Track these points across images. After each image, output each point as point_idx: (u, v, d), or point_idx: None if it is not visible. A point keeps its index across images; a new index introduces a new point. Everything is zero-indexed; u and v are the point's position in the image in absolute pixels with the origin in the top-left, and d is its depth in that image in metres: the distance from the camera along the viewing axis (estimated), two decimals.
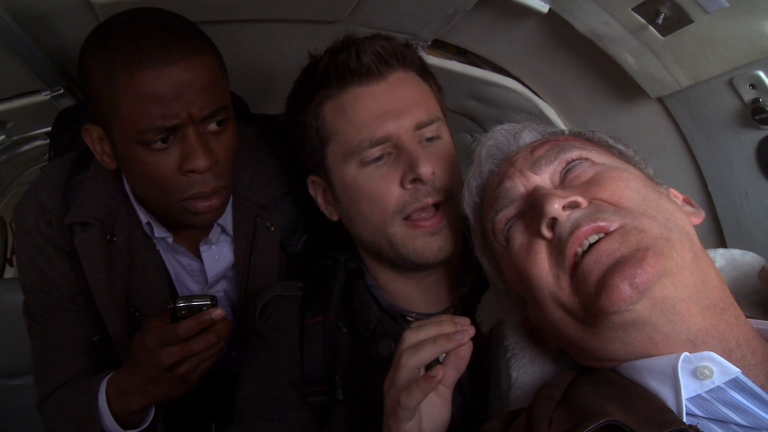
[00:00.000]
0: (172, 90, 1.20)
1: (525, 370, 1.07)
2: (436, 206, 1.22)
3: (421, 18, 1.51)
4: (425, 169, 1.16)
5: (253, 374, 1.32)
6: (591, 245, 0.87)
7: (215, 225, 1.50)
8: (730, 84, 1.28)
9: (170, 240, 1.51)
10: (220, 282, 1.64)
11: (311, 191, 1.37)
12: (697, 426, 0.75)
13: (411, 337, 0.96)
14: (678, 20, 1.24)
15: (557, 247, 0.89)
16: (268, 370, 1.30)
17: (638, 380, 0.88)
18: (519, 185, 0.99)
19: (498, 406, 1.11)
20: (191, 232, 1.52)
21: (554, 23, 1.50)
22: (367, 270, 1.36)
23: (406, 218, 1.21)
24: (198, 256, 1.57)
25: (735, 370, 0.81)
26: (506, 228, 0.99)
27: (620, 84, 1.56)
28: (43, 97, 1.81)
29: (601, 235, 0.87)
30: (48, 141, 2.23)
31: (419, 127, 1.22)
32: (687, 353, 0.83)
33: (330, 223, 1.40)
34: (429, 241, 1.22)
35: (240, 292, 1.59)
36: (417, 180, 1.18)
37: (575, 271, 0.87)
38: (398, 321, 1.31)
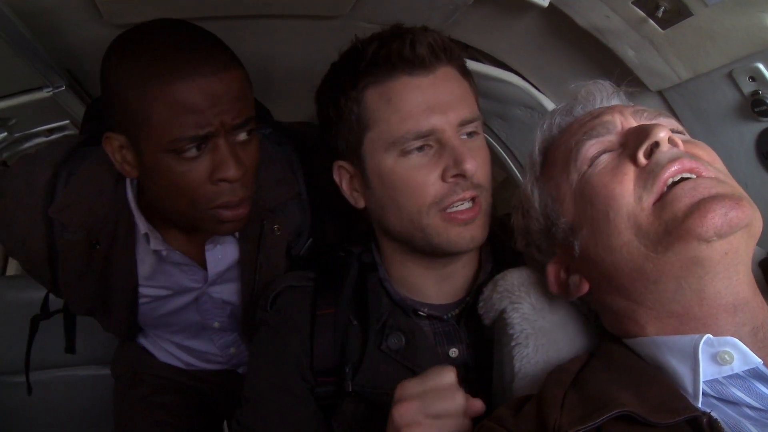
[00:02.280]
0: (206, 100, 1.21)
1: (528, 360, 1.08)
2: (472, 199, 1.24)
3: (422, 13, 1.52)
4: (470, 166, 1.18)
5: (263, 364, 1.34)
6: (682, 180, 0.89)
7: None
8: (730, 76, 1.29)
9: (165, 253, 1.53)
10: (219, 285, 1.66)
11: (335, 176, 1.37)
12: (711, 413, 0.77)
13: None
14: (678, 13, 1.25)
15: (650, 172, 0.90)
16: (278, 361, 1.31)
17: (657, 357, 0.89)
18: (618, 122, 1.01)
19: (501, 397, 1.11)
20: (198, 236, 1.53)
21: (554, 17, 1.50)
22: (380, 263, 1.37)
23: (443, 210, 1.22)
24: (196, 258, 1.58)
25: (756, 361, 0.82)
26: (594, 154, 0.99)
27: (620, 77, 1.56)
28: (45, 93, 1.80)
29: (694, 176, 0.89)
30: (50, 138, 2.24)
31: (463, 123, 1.23)
32: (710, 336, 0.84)
33: (335, 227, 1.42)
34: (462, 230, 1.23)
35: (246, 293, 1.61)
36: (459, 175, 1.19)
37: (663, 195, 0.88)
38: (409, 315, 1.32)
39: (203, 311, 1.72)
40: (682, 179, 0.89)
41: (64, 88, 1.81)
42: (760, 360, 0.82)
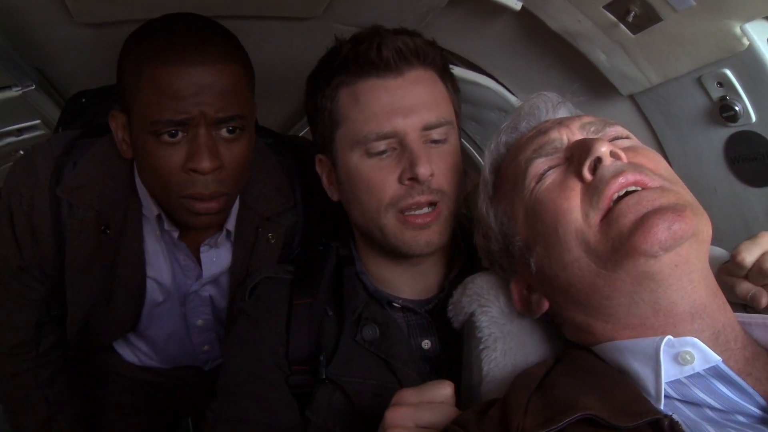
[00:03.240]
0: (188, 88, 1.24)
1: (497, 363, 1.07)
2: (431, 204, 1.24)
3: (394, 15, 1.52)
4: (423, 170, 1.18)
5: (239, 353, 1.34)
6: (627, 194, 0.88)
7: (224, 230, 1.53)
8: (699, 82, 1.30)
9: (176, 235, 1.53)
10: (207, 286, 1.66)
11: (318, 169, 1.39)
12: (672, 416, 0.77)
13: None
14: (648, 18, 1.26)
15: (595, 188, 0.90)
16: (254, 349, 1.32)
17: (619, 361, 0.89)
18: (565, 138, 1.01)
19: (469, 400, 1.11)
20: (197, 232, 1.53)
21: (527, 20, 1.51)
22: (357, 257, 1.38)
23: (401, 212, 1.23)
24: (195, 255, 1.59)
25: (716, 358, 0.83)
26: (542, 171, 0.99)
27: (593, 81, 1.58)
28: (15, 92, 1.79)
29: (639, 188, 0.88)
30: (21, 137, 2.21)
31: (427, 128, 1.23)
32: (670, 337, 0.84)
33: (324, 237, 1.43)
34: (417, 234, 1.24)
35: (232, 298, 1.61)
36: (413, 179, 1.20)
37: (609, 212, 0.88)
38: (384, 307, 1.33)
39: (189, 309, 1.71)
40: (627, 193, 0.89)
41: (34, 87, 1.80)
42: (719, 358, 0.83)
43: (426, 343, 1.32)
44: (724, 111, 1.28)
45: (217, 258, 1.60)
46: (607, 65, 1.45)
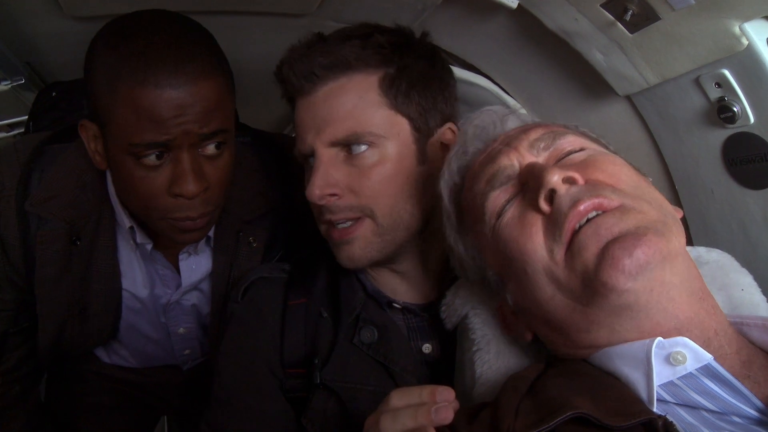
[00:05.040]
0: (170, 111, 1.16)
1: (490, 365, 1.06)
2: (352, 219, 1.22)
3: (389, 13, 1.50)
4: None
5: (232, 362, 1.30)
6: (588, 221, 0.85)
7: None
8: (697, 82, 1.28)
9: (149, 247, 1.48)
10: (191, 293, 1.62)
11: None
12: (666, 416, 0.75)
13: (394, 400, 0.84)
14: (645, 17, 1.24)
15: (554, 221, 0.87)
16: (247, 358, 1.28)
17: (610, 367, 0.88)
18: (515, 163, 0.97)
19: (462, 403, 1.09)
20: (171, 244, 1.49)
21: (523, 19, 1.50)
22: None
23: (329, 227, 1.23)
24: (173, 263, 1.54)
25: (707, 356, 0.81)
26: (500, 206, 0.96)
27: (589, 81, 1.56)
28: (4, 87, 1.76)
29: (600, 212, 0.85)
30: (11, 133, 2.19)
31: (334, 144, 1.20)
32: (661, 338, 0.82)
33: (309, 239, 1.40)
34: (338, 251, 1.24)
35: (216, 304, 1.57)
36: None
37: (571, 245, 0.85)
38: (384, 308, 1.30)
39: (170, 317, 1.68)
40: (588, 220, 0.85)
41: (23, 81, 1.77)
42: (711, 356, 0.81)
43: (427, 347, 1.29)
44: (722, 112, 1.26)
45: (196, 265, 1.56)
46: (604, 65, 1.43)
